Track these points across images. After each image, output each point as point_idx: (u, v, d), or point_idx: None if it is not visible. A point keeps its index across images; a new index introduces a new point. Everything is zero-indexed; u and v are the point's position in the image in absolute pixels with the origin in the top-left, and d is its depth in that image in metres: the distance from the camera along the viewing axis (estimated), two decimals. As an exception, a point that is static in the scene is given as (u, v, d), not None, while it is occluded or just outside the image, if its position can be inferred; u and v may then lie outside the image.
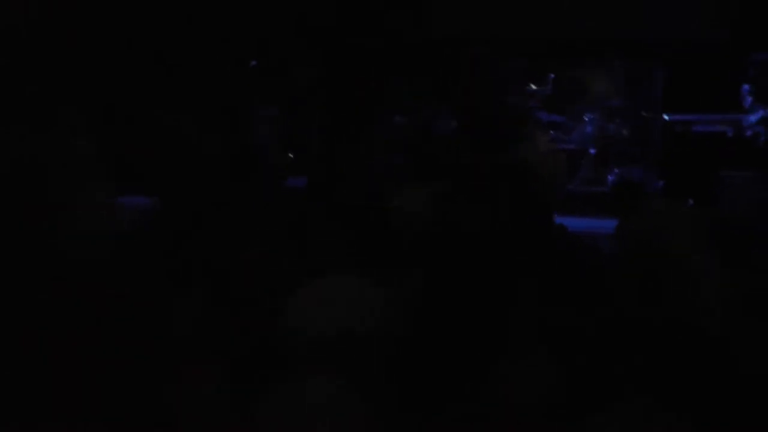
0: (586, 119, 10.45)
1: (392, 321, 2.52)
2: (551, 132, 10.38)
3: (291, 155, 9.55)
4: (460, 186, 3.76)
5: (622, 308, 3.10)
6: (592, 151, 10.36)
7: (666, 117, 10.08)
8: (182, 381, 2.37)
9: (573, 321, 2.71)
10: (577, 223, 7.47)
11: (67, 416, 2.15)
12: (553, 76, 10.56)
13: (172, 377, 2.32)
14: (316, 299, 2.59)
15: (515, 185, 3.59)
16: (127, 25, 9.15)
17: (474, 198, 3.50)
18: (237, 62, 9.79)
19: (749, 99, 9.47)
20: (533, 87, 10.50)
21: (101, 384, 2.19)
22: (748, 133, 9.38)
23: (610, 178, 9.97)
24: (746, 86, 9.53)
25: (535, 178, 3.94)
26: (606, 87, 10.69)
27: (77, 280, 2.37)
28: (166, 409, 2.27)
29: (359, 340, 2.44)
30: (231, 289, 2.90)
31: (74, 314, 2.29)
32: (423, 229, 3.39)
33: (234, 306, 2.82)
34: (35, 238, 2.54)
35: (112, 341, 2.29)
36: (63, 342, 2.27)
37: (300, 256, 3.14)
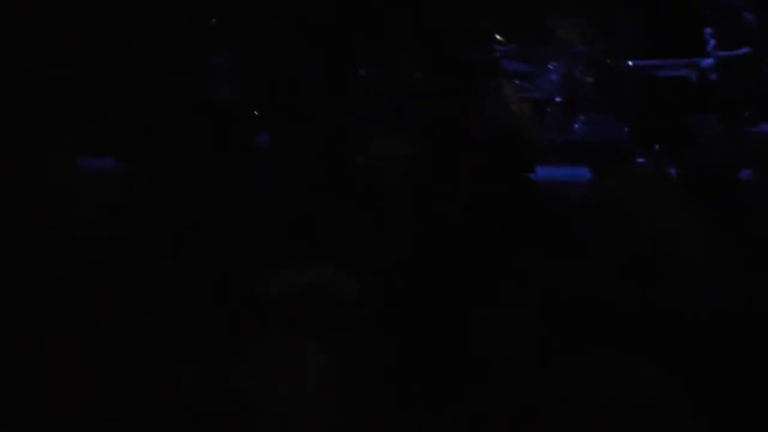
0: (551, 67, 10.44)
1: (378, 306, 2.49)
2: (516, 81, 10.38)
3: (256, 112, 9.39)
4: (432, 144, 3.72)
5: (603, 266, 3.09)
6: (557, 99, 10.36)
7: (630, 63, 10.12)
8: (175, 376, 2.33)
9: (558, 280, 2.70)
10: (545, 172, 7.43)
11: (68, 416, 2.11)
12: (517, 26, 10.53)
13: (163, 372, 2.28)
14: (299, 287, 2.55)
15: (492, 142, 3.56)
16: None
17: (449, 158, 3.47)
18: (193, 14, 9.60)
19: (711, 42, 9.54)
20: (498, 37, 10.47)
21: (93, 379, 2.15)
22: (712, 77, 9.44)
23: (576, 126, 10.01)
24: (708, 29, 9.58)
25: (512, 132, 3.91)
26: (570, 34, 10.67)
27: (57, 267, 2.33)
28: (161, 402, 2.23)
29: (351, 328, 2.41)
30: (210, 265, 2.86)
31: (59, 306, 2.24)
32: (399, 191, 3.35)
33: (212, 285, 2.77)
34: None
35: (89, 325, 2.25)
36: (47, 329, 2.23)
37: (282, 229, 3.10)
